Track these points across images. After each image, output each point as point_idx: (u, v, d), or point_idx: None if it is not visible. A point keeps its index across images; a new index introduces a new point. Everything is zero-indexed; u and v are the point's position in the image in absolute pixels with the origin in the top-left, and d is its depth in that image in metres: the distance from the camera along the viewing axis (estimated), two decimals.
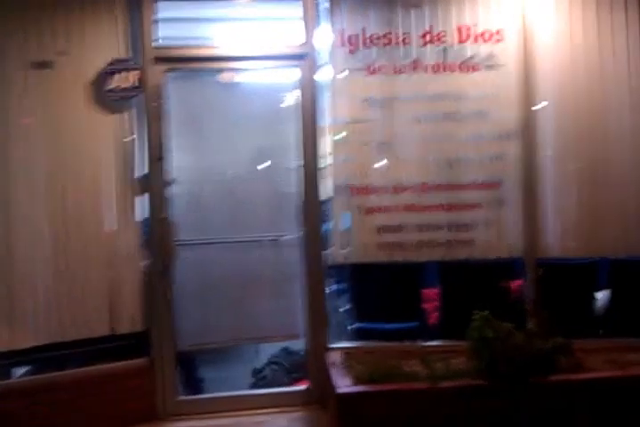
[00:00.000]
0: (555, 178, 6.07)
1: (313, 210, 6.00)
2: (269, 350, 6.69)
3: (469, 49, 6.01)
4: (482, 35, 6.00)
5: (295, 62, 6.00)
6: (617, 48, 6.04)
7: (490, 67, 6.00)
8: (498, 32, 6.01)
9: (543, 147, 6.05)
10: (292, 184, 6.05)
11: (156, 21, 5.82)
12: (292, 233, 6.05)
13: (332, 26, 6.00)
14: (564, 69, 6.05)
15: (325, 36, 6.01)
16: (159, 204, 5.84)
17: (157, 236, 5.82)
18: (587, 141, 6.06)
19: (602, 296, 6.32)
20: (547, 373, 5.12)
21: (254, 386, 6.37)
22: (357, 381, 5.26)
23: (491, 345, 5.14)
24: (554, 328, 5.32)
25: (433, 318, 6.27)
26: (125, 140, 5.75)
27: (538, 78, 6.02)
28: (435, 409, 5.06)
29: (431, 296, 6.30)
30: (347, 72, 5.99)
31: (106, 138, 5.72)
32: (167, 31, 5.91)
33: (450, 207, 6.01)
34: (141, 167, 5.84)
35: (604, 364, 5.48)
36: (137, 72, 5.71)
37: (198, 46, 6.00)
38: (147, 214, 5.85)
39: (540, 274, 5.88)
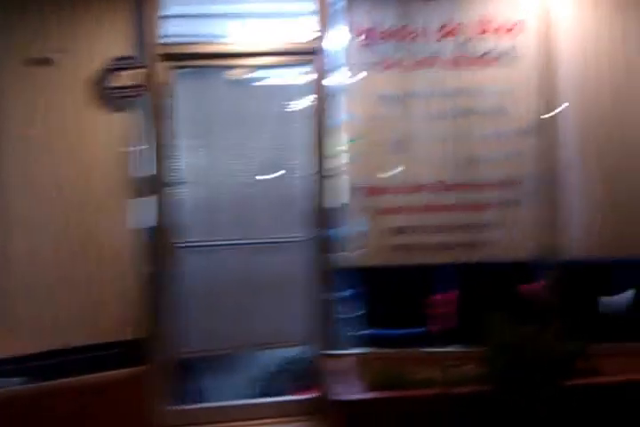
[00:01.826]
0: (576, 176, 5.83)
1: (324, 212, 5.82)
2: (272, 357, 6.49)
3: (489, 42, 5.78)
4: (502, 27, 5.77)
5: (308, 58, 5.81)
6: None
7: (510, 60, 5.77)
8: (519, 23, 5.77)
9: (564, 144, 5.81)
10: (303, 185, 5.89)
11: (163, 17, 5.66)
12: (303, 236, 5.88)
13: (347, 20, 5.80)
14: (587, 63, 5.80)
15: (340, 31, 5.81)
16: (164, 205, 5.70)
17: (161, 238, 5.67)
18: (609, 138, 5.81)
19: (623, 298, 6.04)
20: (564, 378, 4.94)
21: (258, 395, 6.17)
22: (369, 388, 5.12)
23: (507, 350, 4.97)
24: (573, 332, 5.13)
25: (447, 323, 6.02)
26: (130, 139, 5.59)
27: (560, 72, 5.78)
28: (444, 416, 4.93)
29: (446, 300, 6.07)
30: (362, 67, 5.79)
31: (109, 137, 5.54)
32: (174, 28, 5.74)
33: (468, 207, 5.79)
34: (147, 168, 5.68)
35: (622, 368, 5.29)
36: (142, 70, 5.57)
37: (206, 43, 5.82)
38: (152, 216, 5.70)
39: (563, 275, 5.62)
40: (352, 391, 5.09)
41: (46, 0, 5.42)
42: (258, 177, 5.94)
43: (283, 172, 5.95)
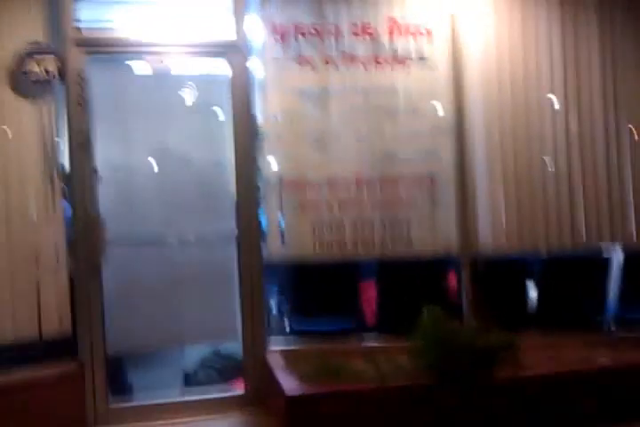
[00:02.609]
0: (486, 175, 6.07)
1: (248, 205, 5.76)
2: (199, 352, 6.31)
3: (399, 43, 5.94)
4: (412, 30, 5.95)
5: (224, 52, 5.77)
6: (540, 46, 6.14)
7: (420, 62, 5.97)
8: (427, 28, 5.98)
9: (474, 144, 6.06)
10: (227, 178, 5.80)
11: (77, 1, 5.45)
12: (227, 229, 5.77)
13: (262, 15, 5.81)
14: (491, 66, 6.07)
15: (255, 26, 5.80)
16: (85, 198, 5.46)
17: (84, 233, 5.43)
18: (514, 139, 6.09)
19: (534, 291, 6.36)
20: (492, 370, 5.07)
21: (187, 391, 5.98)
22: (303, 382, 5.07)
23: (439, 343, 5.07)
24: (492, 324, 5.26)
25: (371, 316, 6.14)
26: (45, 127, 5.34)
27: (467, 75, 6.05)
28: (384, 409, 4.94)
29: (369, 295, 6.18)
30: (277, 63, 5.81)
31: (23, 126, 5.30)
32: (89, 13, 5.53)
33: (385, 204, 5.90)
34: (62, 158, 5.46)
35: (544, 360, 5.49)
36: (54, 56, 5.33)
37: (122, 30, 5.63)
38: (70, 209, 5.46)
39: (481, 270, 5.83)
40: (290, 386, 5.03)
41: None
42: (179, 169, 5.79)
43: (205, 164, 5.84)
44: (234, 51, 5.74)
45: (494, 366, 5.06)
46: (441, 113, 6.01)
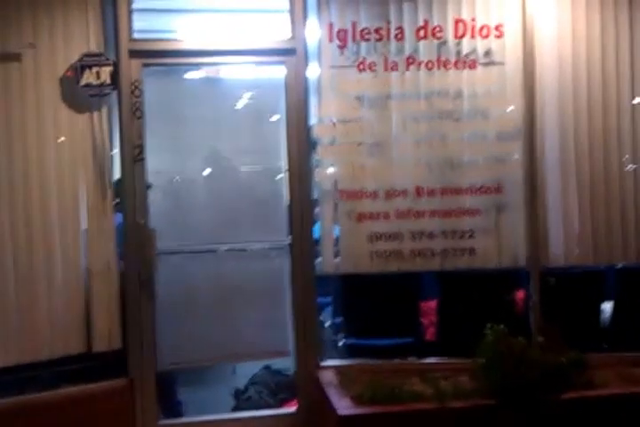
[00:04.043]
0: (559, 181, 5.74)
1: (302, 216, 5.59)
2: (249, 369, 6.22)
3: (467, 45, 5.66)
4: (480, 30, 5.66)
5: (281, 58, 5.60)
6: (620, 44, 5.76)
7: (489, 63, 5.66)
8: (497, 27, 5.67)
9: (547, 148, 5.72)
10: (281, 188, 5.67)
11: (133, 12, 5.38)
12: (281, 241, 5.65)
13: (320, 20, 5.62)
14: (565, 67, 5.73)
15: (313, 31, 5.62)
16: (137, 209, 5.38)
17: (136, 245, 5.36)
18: (590, 143, 5.75)
19: (608, 308, 6.02)
20: (560, 390, 4.79)
21: (238, 408, 5.88)
22: (357, 401, 4.86)
23: (504, 362, 4.80)
24: (563, 342, 5.02)
25: (430, 333, 5.93)
26: (99, 140, 5.28)
27: (539, 76, 5.69)
28: None
29: (428, 310, 5.97)
30: (336, 69, 5.61)
31: (77, 138, 5.26)
32: (144, 23, 5.47)
33: (447, 213, 5.64)
34: (117, 169, 5.43)
35: (615, 380, 5.18)
36: (109, 68, 5.26)
37: (178, 39, 5.56)
38: (122, 220, 5.41)
39: (552, 284, 5.49)
40: (343, 405, 4.82)
41: None
42: (231, 179, 5.74)
43: (260, 173, 5.77)
44: (291, 56, 5.58)
45: (563, 386, 4.82)
46: (510, 116, 5.71)
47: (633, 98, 5.80)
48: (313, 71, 5.63)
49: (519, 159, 5.71)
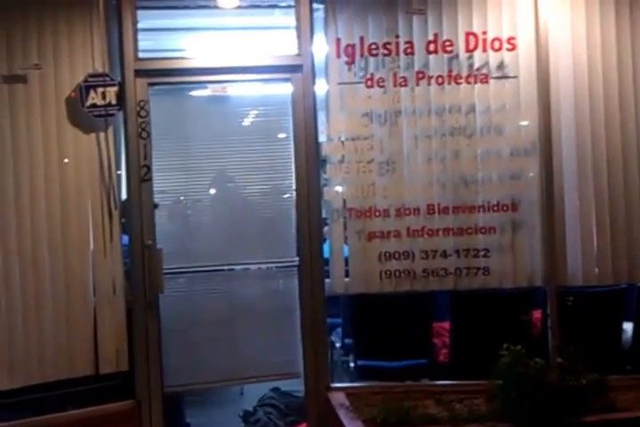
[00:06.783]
0: (577, 198, 5.60)
1: (311, 235, 5.49)
2: (257, 390, 6.15)
3: (478, 58, 5.55)
4: (492, 43, 5.55)
5: (288, 75, 5.53)
6: (636, 54, 5.60)
7: (501, 77, 5.55)
8: (509, 40, 5.55)
9: (564, 164, 5.57)
10: (289, 207, 5.59)
11: (138, 32, 5.35)
12: (290, 260, 5.56)
13: (328, 35, 5.55)
14: (581, 78, 5.58)
15: (320, 47, 5.55)
16: (144, 230, 5.34)
17: (142, 265, 5.30)
18: (608, 158, 5.58)
19: (629, 328, 5.83)
20: (580, 413, 4.64)
21: None
22: (370, 424, 4.74)
23: (521, 384, 4.65)
24: (583, 364, 4.83)
25: (443, 354, 5.80)
26: (105, 160, 5.24)
27: (554, 88, 5.55)
28: None
29: (441, 330, 5.85)
30: (344, 85, 5.53)
31: (83, 158, 5.23)
32: (149, 42, 5.46)
33: (461, 231, 5.51)
34: (123, 189, 5.44)
35: (637, 403, 4.99)
36: (115, 88, 5.22)
37: (183, 57, 5.54)
38: (131, 241, 5.37)
39: (570, 303, 5.31)
40: None
41: (19, 17, 5.12)
42: (238, 198, 5.71)
43: (267, 192, 5.69)
44: (298, 72, 5.50)
45: (582, 410, 4.66)
46: (525, 131, 5.58)
47: None
48: (321, 88, 5.56)
49: (535, 176, 5.57)
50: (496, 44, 5.55)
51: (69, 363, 5.15)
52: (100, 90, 5.18)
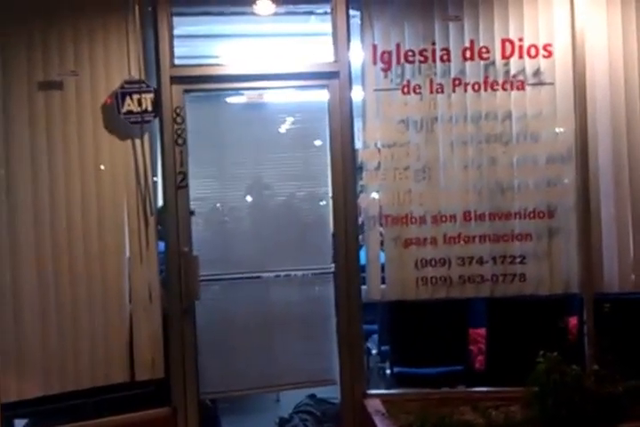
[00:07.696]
0: (613, 204, 5.57)
1: (347, 242, 5.49)
2: (293, 397, 6.16)
3: (514, 65, 5.53)
4: (528, 49, 5.53)
5: (324, 81, 5.53)
6: None
7: (538, 84, 5.52)
8: (545, 46, 5.53)
9: (600, 171, 5.55)
10: (325, 214, 5.61)
11: (174, 39, 5.35)
12: (326, 267, 5.57)
13: (364, 42, 5.54)
14: (618, 84, 5.56)
15: (357, 54, 5.54)
16: (180, 237, 5.35)
17: (178, 273, 5.32)
18: None
19: None
20: (617, 421, 4.62)
21: None
22: None
23: (557, 391, 4.64)
24: (620, 371, 4.82)
25: (479, 361, 5.80)
26: (141, 167, 5.25)
27: (590, 95, 5.53)
28: None
29: (477, 337, 5.82)
30: (380, 92, 5.51)
31: (119, 165, 5.24)
32: (184, 49, 5.49)
33: (497, 238, 5.50)
34: (159, 196, 5.47)
35: None
36: (150, 95, 5.23)
37: (219, 64, 5.55)
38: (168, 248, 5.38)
39: (607, 310, 5.28)
40: None
41: (55, 24, 5.13)
42: (274, 205, 5.73)
43: (303, 199, 5.73)
44: (334, 79, 5.50)
45: (619, 417, 4.64)
46: (561, 138, 5.56)
47: None
48: (357, 95, 5.55)
49: (571, 182, 5.55)
50: (532, 51, 5.53)
51: (105, 370, 5.16)
52: (135, 96, 5.19)
